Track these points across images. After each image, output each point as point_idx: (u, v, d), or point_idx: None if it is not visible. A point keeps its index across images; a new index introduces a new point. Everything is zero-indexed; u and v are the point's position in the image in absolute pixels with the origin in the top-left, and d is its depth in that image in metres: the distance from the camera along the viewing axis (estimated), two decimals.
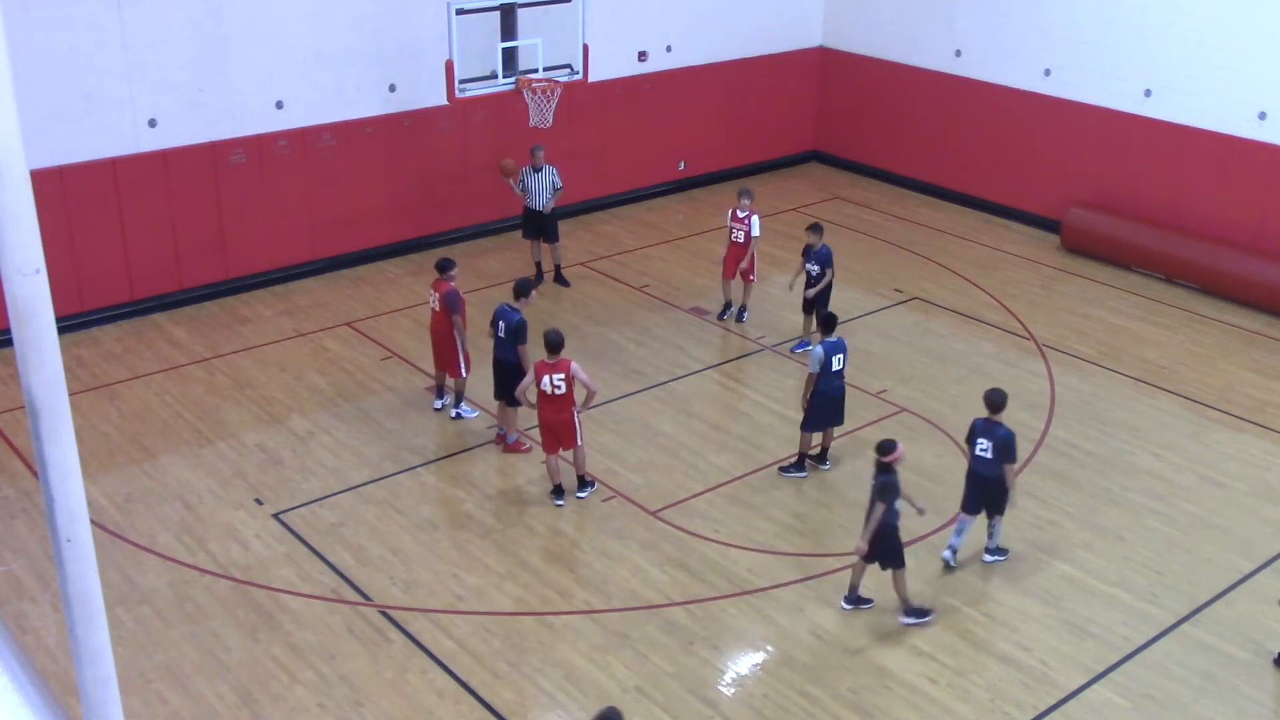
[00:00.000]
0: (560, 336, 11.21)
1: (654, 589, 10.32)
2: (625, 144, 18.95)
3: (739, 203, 14.87)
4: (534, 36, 15.70)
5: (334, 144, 16.21)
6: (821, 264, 14.19)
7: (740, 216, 14.87)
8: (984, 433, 10.30)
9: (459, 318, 12.48)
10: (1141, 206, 17.32)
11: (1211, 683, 9.39)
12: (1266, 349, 14.95)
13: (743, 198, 14.87)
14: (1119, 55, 17.28)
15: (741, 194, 14.94)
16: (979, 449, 10.31)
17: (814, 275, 14.26)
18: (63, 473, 3.36)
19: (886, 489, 9.69)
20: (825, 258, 14.19)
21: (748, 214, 14.83)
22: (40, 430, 3.30)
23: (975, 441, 10.36)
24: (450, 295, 12.48)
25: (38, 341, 3.23)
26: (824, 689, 9.21)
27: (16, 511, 11.23)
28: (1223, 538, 11.12)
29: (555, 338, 11.18)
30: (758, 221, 14.91)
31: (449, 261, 12.75)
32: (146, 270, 15.15)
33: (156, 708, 8.92)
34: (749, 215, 14.83)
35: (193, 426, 12.76)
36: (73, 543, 3.44)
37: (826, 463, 12.15)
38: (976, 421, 10.44)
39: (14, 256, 3.14)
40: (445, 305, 12.47)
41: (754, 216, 14.87)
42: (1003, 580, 10.50)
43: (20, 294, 3.18)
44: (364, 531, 11.05)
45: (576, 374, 11.17)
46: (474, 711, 8.94)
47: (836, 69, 20.96)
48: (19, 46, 13.12)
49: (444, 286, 12.52)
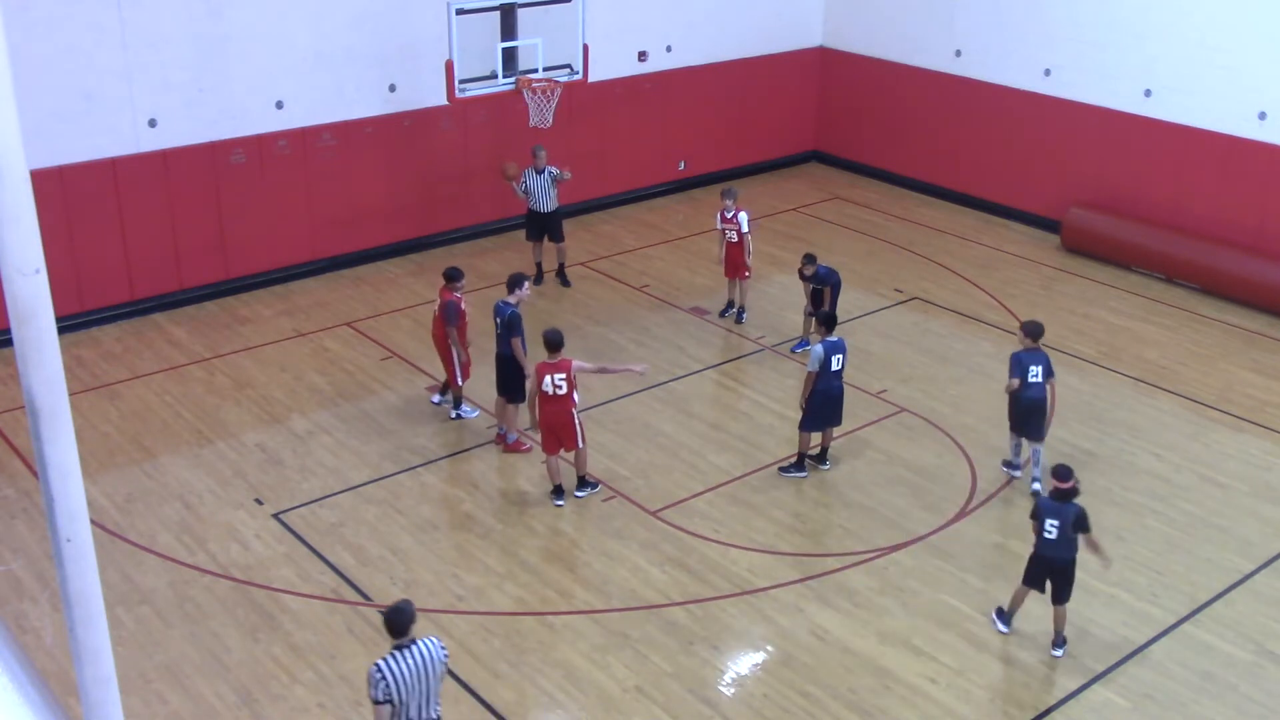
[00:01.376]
0: (559, 336, 11.20)
1: (654, 589, 10.32)
2: (625, 144, 18.95)
3: (724, 204, 14.93)
4: (534, 36, 15.70)
5: (334, 144, 16.21)
6: (829, 284, 14.14)
7: (728, 217, 14.93)
8: (1052, 512, 9.36)
9: (454, 329, 12.46)
10: (1141, 206, 17.32)
11: (1211, 683, 9.39)
12: (1266, 349, 14.95)
13: (726, 198, 14.93)
14: (1119, 55, 17.28)
15: (725, 194, 14.99)
16: (1046, 531, 9.36)
17: (819, 290, 14.25)
18: (63, 473, 3.37)
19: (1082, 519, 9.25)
20: (823, 279, 14.15)
21: (734, 213, 14.89)
22: (40, 430, 3.31)
23: (1043, 521, 9.38)
24: (449, 306, 12.43)
25: (38, 341, 3.24)
26: (824, 689, 9.21)
27: (16, 511, 11.23)
28: (1223, 538, 11.12)
29: (554, 337, 11.17)
30: (745, 218, 14.94)
31: (456, 271, 12.66)
32: (146, 270, 15.15)
33: (156, 708, 8.92)
34: (736, 214, 14.89)
35: (193, 426, 12.76)
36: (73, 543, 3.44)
37: (826, 463, 12.15)
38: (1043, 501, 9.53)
39: (14, 256, 3.15)
40: (442, 315, 12.49)
41: (741, 214, 14.91)
42: (1003, 580, 10.50)
43: (20, 294, 3.18)
44: (364, 531, 11.05)
45: (580, 369, 11.18)
46: (474, 711, 8.94)
47: (836, 69, 20.96)
48: (19, 46, 13.11)
49: (446, 296, 12.50)
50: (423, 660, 7.09)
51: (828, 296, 14.11)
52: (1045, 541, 9.36)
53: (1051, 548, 9.36)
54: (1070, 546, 9.35)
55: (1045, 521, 9.32)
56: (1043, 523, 9.34)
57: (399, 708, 7.04)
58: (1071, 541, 9.33)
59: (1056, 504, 9.34)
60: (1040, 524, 9.37)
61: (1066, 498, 9.32)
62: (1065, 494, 9.33)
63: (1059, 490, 9.34)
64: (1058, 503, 9.34)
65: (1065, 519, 9.27)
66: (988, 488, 11.90)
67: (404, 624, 7.15)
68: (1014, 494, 11.82)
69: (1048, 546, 9.38)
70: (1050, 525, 9.30)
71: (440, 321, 12.58)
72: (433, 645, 7.18)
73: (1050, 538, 9.32)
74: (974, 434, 12.84)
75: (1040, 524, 9.37)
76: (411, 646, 7.12)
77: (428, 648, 7.15)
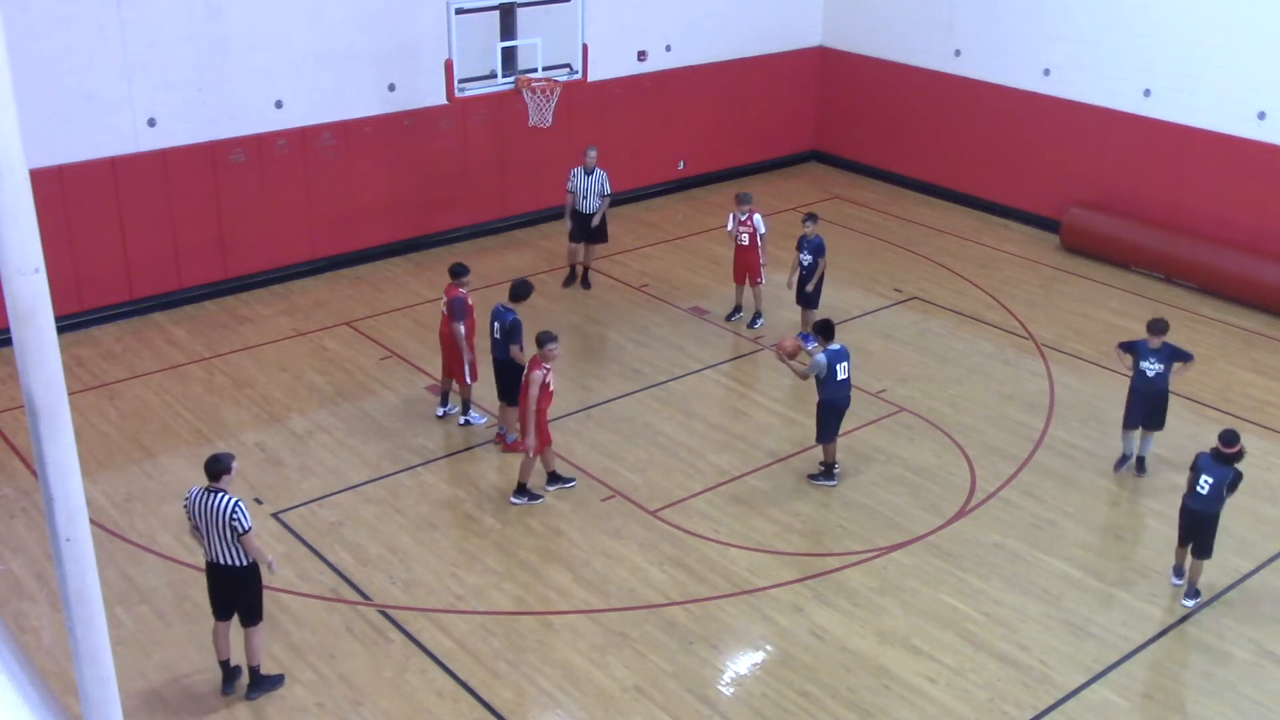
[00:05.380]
0: (544, 336, 11.21)
1: (653, 588, 10.32)
2: (625, 144, 18.95)
3: (739, 208, 14.90)
4: (533, 36, 15.70)
5: (334, 144, 16.21)
6: (814, 254, 14.42)
7: (742, 220, 14.89)
8: (1210, 470, 10.00)
9: (460, 325, 12.39)
10: (1141, 206, 17.32)
11: (1211, 683, 9.39)
12: (1266, 349, 14.96)
13: (742, 203, 14.90)
14: (1118, 55, 17.28)
15: (740, 199, 14.96)
16: (1200, 486, 10.02)
17: (806, 265, 14.39)
18: (62, 472, 3.37)
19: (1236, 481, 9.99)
20: (818, 247, 14.41)
21: (749, 216, 14.86)
22: (40, 430, 3.31)
23: (1199, 476, 10.04)
24: (456, 302, 12.38)
25: (38, 341, 3.24)
26: (823, 688, 9.21)
27: (16, 511, 11.23)
28: (1223, 537, 11.08)
29: (539, 336, 11.24)
30: (761, 220, 14.95)
31: (462, 267, 12.64)
32: (146, 270, 15.15)
33: (156, 707, 8.92)
34: (750, 217, 14.86)
35: (192, 426, 12.76)
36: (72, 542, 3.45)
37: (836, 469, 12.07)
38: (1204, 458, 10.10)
39: (14, 256, 3.15)
40: (449, 311, 12.43)
41: (756, 216, 14.90)
42: (1002, 580, 10.51)
43: (20, 294, 3.18)
44: (363, 531, 11.05)
45: (529, 381, 11.07)
46: (473, 711, 8.94)
47: (836, 69, 20.96)
48: (19, 46, 13.11)
49: (452, 292, 12.43)
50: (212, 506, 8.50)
51: (818, 270, 14.37)
52: (1196, 495, 10.07)
53: (1200, 501, 10.05)
54: (1217, 503, 10.03)
55: (1201, 476, 10.02)
56: (1198, 477, 10.03)
57: (202, 535, 8.65)
58: (1220, 500, 10.01)
59: (1216, 464, 10.01)
60: (1196, 477, 10.05)
61: (1228, 462, 9.98)
62: (1228, 458, 9.98)
63: (1221, 454, 9.97)
64: (1218, 464, 10.00)
65: (1221, 479, 9.97)
66: (987, 487, 11.90)
67: (216, 471, 8.61)
68: (1013, 493, 11.82)
69: (1196, 499, 10.07)
70: (1204, 481, 10.00)
71: (447, 319, 12.54)
72: (224, 501, 8.49)
73: (1202, 493, 10.02)
74: (973, 434, 12.84)
75: (1196, 477, 10.05)
76: (217, 494, 8.53)
77: (222, 500, 8.49)
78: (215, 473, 8.60)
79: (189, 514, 8.69)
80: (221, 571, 8.69)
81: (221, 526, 8.50)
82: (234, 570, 8.67)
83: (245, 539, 8.55)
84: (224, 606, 8.86)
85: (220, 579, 8.76)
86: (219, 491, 8.55)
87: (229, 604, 8.85)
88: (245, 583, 8.76)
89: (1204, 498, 10.03)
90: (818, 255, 14.43)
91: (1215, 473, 9.98)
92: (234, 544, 8.56)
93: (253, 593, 8.84)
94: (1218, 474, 9.97)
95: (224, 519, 8.48)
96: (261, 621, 8.97)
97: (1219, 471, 9.98)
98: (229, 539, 8.54)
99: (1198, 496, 10.07)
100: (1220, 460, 10.00)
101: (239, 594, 8.79)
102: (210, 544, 8.62)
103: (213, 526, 8.53)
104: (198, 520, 8.60)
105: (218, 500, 8.51)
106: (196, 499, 8.58)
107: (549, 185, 18.17)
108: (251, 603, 8.85)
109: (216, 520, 8.50)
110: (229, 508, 8.47)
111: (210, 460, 8.68)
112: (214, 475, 8.60)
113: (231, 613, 8.88)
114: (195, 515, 8.60)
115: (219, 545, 8.58)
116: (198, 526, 8.65)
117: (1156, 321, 11.73)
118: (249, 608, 8.86)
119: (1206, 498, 10.02)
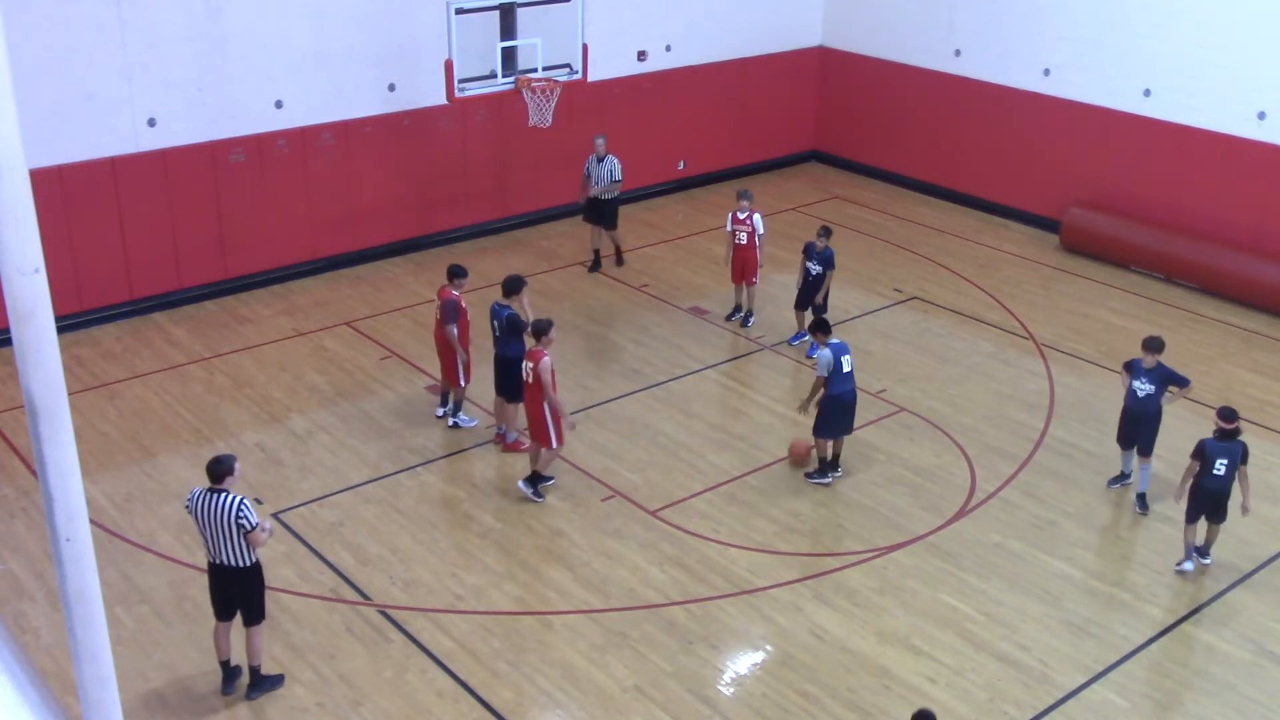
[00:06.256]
0: (544, 324, 11.24)
1: (653, 588, 10.32)
2: (625, 144, 18.91)
3: (739, 205, 14.87)
4: (533, 36, 15.70)
5: (333, 144, 16.21)
6: (824, 265, 14.29)
7: (741, 218, 14.86)
8: (1221, 452, 10.28)
9: (453, 328, 12.34)
10: (1141, 206, 17.32)
11: (1211, 683, 9.39)
12: (1266, 349, 14.96)
13: (742, 200, 14.86)
14: (1118, 55, 17.28)
15: (740, 195, 14.92)
16: (1216, 469, 10.30)
17: (813, 274, 14.32)
18: (62, 472, 3.37)
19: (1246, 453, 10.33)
20: (828, 260, 14.29)
21: (748, 215, 14.83)
22: (40, 430, 3.31)
23: (1213, 460, 10.30)
24: (448, 305, 12.32)
25: (37, 341, 3.23)
26: (823, 688, 9.21)
27: (16, 511, 11.23)
28: (1222, 537, 11.09)
29: (538, 325, 11.28)
30: (760, 220, 14.91)
31: (459, 269, 12.58)
32: (146, 270, 15.15)
33: (156, 707, 8.92)
34: (750, 215, 14.83)
35: (192, 426, 12.76)
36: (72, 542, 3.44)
37: (839, 469, 12.05)
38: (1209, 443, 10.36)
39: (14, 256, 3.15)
40: (442, 313, 12.42)
41: (756, 215, 14.87)
42: (1002, 580, 10.51)
43: (20, 294, 3.18)
44: (363, 531, 11.05)
45: (541, 370, 11.06)
46: (473, 711, 8.95)
47: (836, 69, 20.96)
48: (19, 46, 13.12)
49: (445, 294, 12.40)
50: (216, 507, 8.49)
51: (825, 282, 14.28)
52: (1214, 478, 10.32)
53: (1218, 482, 10.33)
54: (1232, 478, 10.35)
55: (1215, 460, 10.27)
56: (1213, 462, 10.28)
57: (204, 537, 8.66)
58: (1234, 473, 10.33)
59: (1224, 444, 10.27)
60: (1210, 463, 10.29)
61: (1232, 437, 10.29)
62: (1230, 434, 10.29)
63: (1224, 431, 10.27)
64: (1225, 442, 10.27)
65: (1234, 455, 10.26)
66: (987, 487, 11.90)
67: (219, 473, 8.56)
68: (1013, 493, 11.82)
69: (1214, 481, 10.34)
70: (1220, 464, 10.26)
71: (440, 322, 12.52)
72: (230, 501, 8.47)
73: (1219, 475, 10.29)
74: (973, 434, 12.85)
75: (1210, 463, 10.29)
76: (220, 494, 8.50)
77: (226, 500, 8.47)
78: (218, 474, 8.57)
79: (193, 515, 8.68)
80: (224, 571, 8.69)
81: (227, 526, 8.50)
82: (237, 570, 8.67)
83: (252, 536, 8.55)
84: (226, 606, 8.87)
85: (223, 579, 8.75)
86: (222, 491, 8.55)
87: (231, 604, 8.85)
88: (248, 582, 8.77)
89: (1222, 478, 10.32)
90: (826, 267, 14.29)
91: (1227, 452, 10.26)
92: (239, 543, 8.56)
93: (255, 592, 8.85)
94: (1230, 452, 10.26)
95: (229, 518, 8.47)
96: (264, 621, 8.97)
97: (1231, 449, 10.26)
98: (234, 538, 8.54)
99: (1215, 478, 10.32)
100: (1225, 437, 10.28)
101: (242, 593, 8.79)
102: (213, 544, 8.62)
103: (216, 527, 8.53)
104: (199, 521, 8.59)
105: (222, 500, 8.50)
106: (198, 500, 8.58)
107: (549, 185, 18.19)
108: (254, 602, 8.86)
109: (221, 520, 8.50)
110: (234, 506, 8.47)
111: (213, 462, 8.66)
112: (217, 477, 8.57)
113: (233, 612, 8.89)
114: (197, 516, 8.60)
115: (222, 545, 8.58)
116: (200, 529, 8.63)
117: (1152, 340, 11.46)
118: (252, 607, 8.86)
119: (1224, 478, 10.32)
